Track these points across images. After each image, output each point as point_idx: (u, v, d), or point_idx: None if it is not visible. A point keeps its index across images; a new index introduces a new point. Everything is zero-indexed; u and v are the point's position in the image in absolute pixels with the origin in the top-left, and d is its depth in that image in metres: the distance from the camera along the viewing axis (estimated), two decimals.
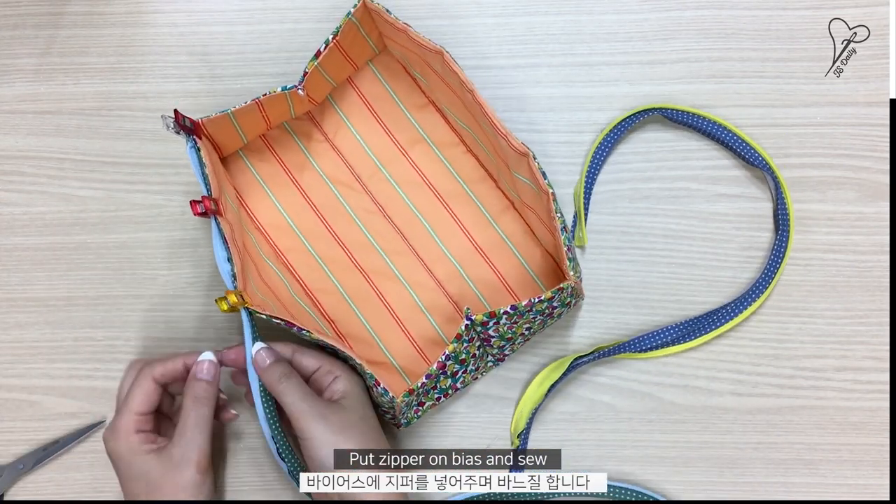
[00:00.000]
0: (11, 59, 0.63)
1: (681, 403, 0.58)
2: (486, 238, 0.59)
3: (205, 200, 0.49)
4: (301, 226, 0.60)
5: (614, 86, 0.61)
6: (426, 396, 0.54)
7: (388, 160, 0.60)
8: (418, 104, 0.60)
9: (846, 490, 0.57)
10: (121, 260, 0.61)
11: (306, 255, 0.59)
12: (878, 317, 0.58)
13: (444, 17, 0.62)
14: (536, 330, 0.55)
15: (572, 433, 0.58)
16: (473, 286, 0.58)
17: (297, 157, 0.60)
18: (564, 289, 0.50)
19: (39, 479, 0.59)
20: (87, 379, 0.60)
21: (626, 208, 0.60)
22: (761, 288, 0.57)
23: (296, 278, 0.59)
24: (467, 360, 0.53)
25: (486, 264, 0.58)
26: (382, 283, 0.59)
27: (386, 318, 0.58)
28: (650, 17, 0.62)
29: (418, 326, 0.58)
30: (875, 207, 0.59)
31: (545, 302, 0.49)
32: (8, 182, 0.62)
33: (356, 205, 0.60)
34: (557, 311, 0.53)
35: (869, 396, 0.58)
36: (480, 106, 0.51)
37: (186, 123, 0.51)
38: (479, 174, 0.60)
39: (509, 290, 0.58)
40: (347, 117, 0.61)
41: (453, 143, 0.60)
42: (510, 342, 0.54)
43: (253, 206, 0.60)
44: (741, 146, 0.59)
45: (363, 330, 0.58)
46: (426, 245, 0.59)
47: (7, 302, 0.60)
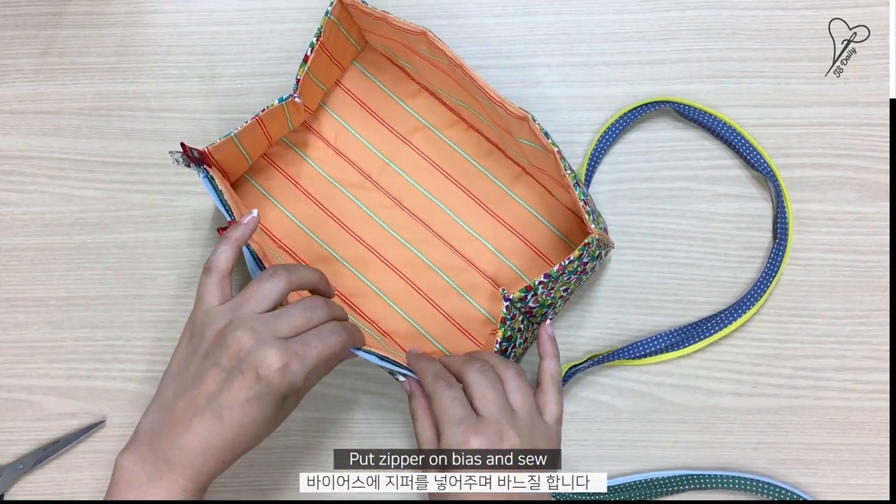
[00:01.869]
0: (11, 59, 0.63)
1: (681, 403, 0.58)
2: (505, 209, 0.59)
3: (230, 226, 0.49)
4: (323, 235, 0.60)
5: (614, 86, 0.61)
6: None
7: (393, 153, 0.60)
8: (410, 92, 0.61)
9: (846, 490, 0.57)
10: (121, 260, 0.61)
11: (333, 262, 0.59)
12: (878, 317, 0.58)
13: (444, 17, 0.62)
14: (574, 289, 0.55)
15: (572, 433, 0.58)
16: (505, 259, 0.58)
17: (302, 169, 0.60)
18: (590, 243, 0.49)
19: (39, 479, 0.59)
20: (87, 379, 0.60)
21: (626, 208, 0.60)
22: (754, 298, 0.57)
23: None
24: (514, 336, 0.52)
25: (513, 234, 0.59)
26: (415, 274, 0.59)
27: (426, 308, 0.58)
28: (650, 17, 0.62)
29: (461, 311, 0.58)
30: (875, 207, 0.59)
31: (575, 261, 0.49)
32: (8, 182, 0.62)
33: (372, 203, 0.60)
34: (590, 266, 0.53)
35: (869, 396, 0.58)
36: (472, 79, 0.52)
37: (194, 154, 0.51)
38: (486, 147, 0.60)
39: (540, 255, 0.58)
40: (344, 119, 0.61)
41: (453, 123, 0.60)
42: (551, 307, 0.54)
43: (269, 225, 0.60)
44: (746, 149, 0.59)
45: (406, 325, 0.58)
46: (449, 228, 0.59)
47: (7, 302, 0.60)
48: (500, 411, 0.46)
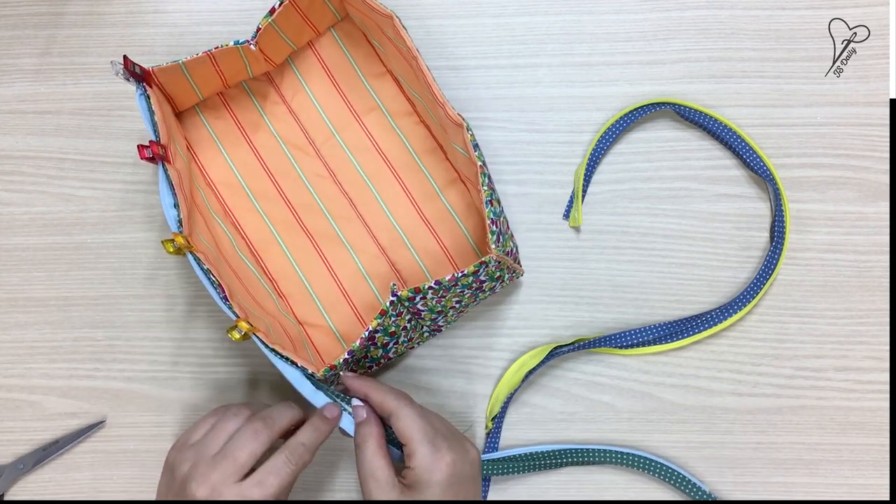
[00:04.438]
0: (11, 59, 0.63)
1: (681, 403, 0.58)
2: (432, 209, 0.59)
3: (152, 145, 0.50)
4: (252, 185, 0.60)
5: (614, 86, 0.61)
6: (357, 365, 0.55)
7: (343, 126, 0.61)
8: (376, 72, 0.61)
9: (846, 490, 0.57)
10: (121, 260, 0.61)
11: (254, 213, 0.60)
12: (878, 317, 0.58)
13: (444, 17, 0.62)
14: (468, 303, 0.55)
15: (572, 433, 0.58)
16: (416, 255, 0.59)
17: (252, 117, 0.61)
18: (488, 263, 0.49)
19: (39, 479, 0.59)
20: (87, 379, 0.60)
21: (626, 208, 0.60)
22: (747, 298, 0.57)
23: (241, 235, 0.60)
24: (398, 333, 0.53)
25: (431, 234, 0.59)
26: (327, 246, 0.59)
27: (327, 281, 0.59)
28: (650, 17, 0.62)
29: (359, 292, 0.59)
30: (875, 207, 0.59)
31: (469, 276, 0.49)
32: (8, 182, 0.62)
33: (307, 168, 0.60)
34: (488, 286, 0.53)
35: (869, 396, 0.58)
36: (424, 74, 0.52)
37: (136, 70, 0.51)
38: (430, 145, 0.60)
39: (451, 261, 0.59)
40: (306, 81, 0.61)
41: (407, 113, 0.60)
42: (441, 315, 0.55)
43: (205, 162, 0.60)
44: (746, 151, 0.59)
45: (304, 291, 0.59)
46: (373, 212, 0.60)
47: (7, 302, 0.60)
48: (448, 428, 0.49)
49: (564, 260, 0.60)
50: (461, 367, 0.59)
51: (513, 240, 0.55)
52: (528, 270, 0.60)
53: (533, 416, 0.58)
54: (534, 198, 0.60)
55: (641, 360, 0.58)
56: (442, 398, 0.59)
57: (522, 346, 0.59)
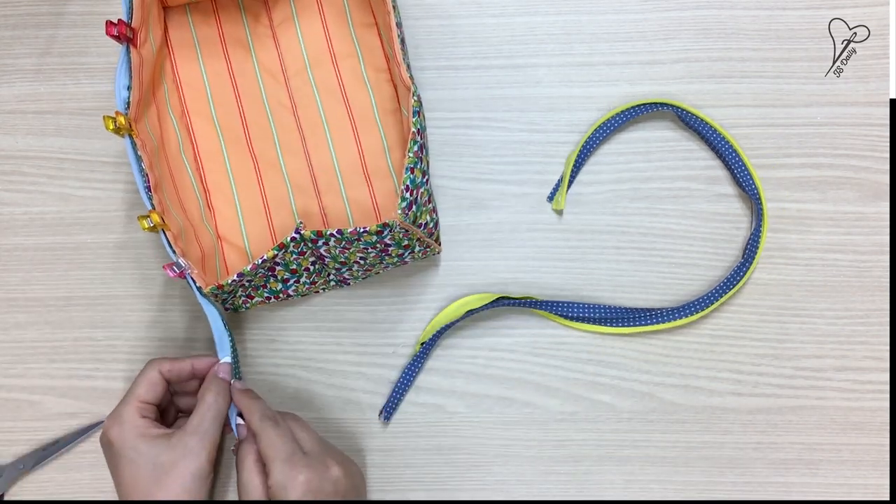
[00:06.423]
0: (11, 59, 0.63)
1: (681, 403, 0.58)
2: (375, 165, 0.60)
3: (121, 24, 0.50)
4: (215, 95, 0.61)
5: (614, 86, 0.61)
6: (256, 292, 0.56)
7: (317, 63, 0.61)
8: (365, 22, 0.61)
9: (846, 490, 0.57)
10: (121, 260, 0.61)
11: (209, 122, 0.61)
12: (878, 317, 0.58)
13: (444, 17, 0.62)
14: (374, 263, 0.55)
15: (572, 433, 0.58)
16: (347, 204, 0.59)
17: (237, 34, 0.62)
18: (391, 226, 0.49)
19: (39, 479, 0.59)
20: (87, 379, 0.60)
21: (626, 208, 0.60)
22: (706, 302, 0.57)
23: (191, 140, 0.60)
24: (299, 272, 0.55)
25: (367, 187, 0.60)
26: (267, 173, 0.60)
27: (257, 205, 0.60)
28: (650, 17, 0.62)
29: (283, 224, 0.60)
30: (875, 207, 0.59)
31: (372, 234, 0.50)
32: (8, 182, 0.62)
33: (272, 95, 0.61)
34: (395, 251, 0.53)
35: (869, 396, 0.58)
36: (390, 30, 0.53)
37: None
38: (393, 106, 0.60)
39: (378, 218, 0.59)
40: (297, 11, 0.62)
41: (381, 69, 0.61)
42: (346, 267, 0.55)
43: (179, 61, 0.61)
44: (737, 166, 0.58)
45: (233, 208, 0.60)
46: (320, 153, 0.60)
47: (7, 302, 0.60)
48: (318, 446, 0.51)
49: (564, 260, 0.60)
50: (463, 366, 0.59)
51: (433, 214, 0.55)
52: (528, 271, 0.60)
53: (533, 416, 0.58)
54: (534, 198, 0.60)
55: (641, 359, 0.58)
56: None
57: (523, 345, 0.59)
